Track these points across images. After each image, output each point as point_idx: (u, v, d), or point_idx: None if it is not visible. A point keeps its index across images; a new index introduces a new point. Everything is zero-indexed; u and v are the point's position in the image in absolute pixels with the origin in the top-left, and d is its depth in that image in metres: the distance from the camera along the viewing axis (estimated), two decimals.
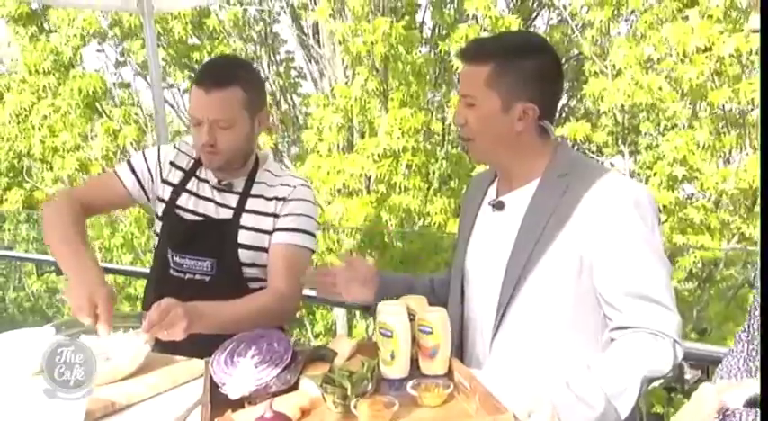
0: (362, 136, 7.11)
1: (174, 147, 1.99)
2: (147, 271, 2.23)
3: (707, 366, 2.02)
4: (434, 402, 1.34)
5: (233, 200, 1.91)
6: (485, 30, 6.56)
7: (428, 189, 6.63)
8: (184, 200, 1.92)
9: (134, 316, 1.67)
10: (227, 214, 1.89)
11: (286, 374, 1.40)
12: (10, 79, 9.08)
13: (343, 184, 6.84)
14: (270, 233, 1.88)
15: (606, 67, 5.99)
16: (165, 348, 1.66)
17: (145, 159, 1.96)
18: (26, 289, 8.43)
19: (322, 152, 6.87)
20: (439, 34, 7.96)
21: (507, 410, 1.19)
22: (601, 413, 1.32)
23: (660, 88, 5.70)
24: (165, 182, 1.94)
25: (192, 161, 1.96)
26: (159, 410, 1.44)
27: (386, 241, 6.72)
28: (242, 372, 1.40)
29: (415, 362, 1.46)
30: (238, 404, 1.37)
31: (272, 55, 8.85)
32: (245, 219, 1.89)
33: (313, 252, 1.93)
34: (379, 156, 6.32)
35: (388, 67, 6.58)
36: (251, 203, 1.90)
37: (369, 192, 6.99)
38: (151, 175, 1.95)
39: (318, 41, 8.02)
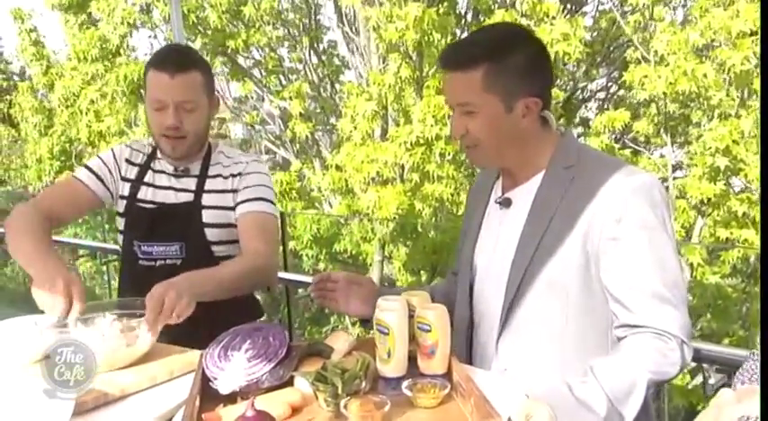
0: (398, 124, 7.04)
1: (127, 145, 2.05)
2: None
3: (733, 371, 1.92)
4: (429, 403, 1.28)
5: (192, 183, 1.96)
6: (523, 15, 6.42)
7: (463, 178, 6.52)
8: (143, 192, 1.97)
9: (112, 304, 1.68)
10: (187, 197, 1.94)
11: (279, 370, 1.37)
12: (61, 68, 9.31)
13: (377, 173, 6.80)
14: (233, 209, 1.92)
15: (649, 54, 5.77)
16: (167, 338, 1.63)
17: (102, 161, 2.01)
18: (77, 270, 8.69)
19: (356, 140, 6.82)
20: (477, 20, 7.81)
21: (499, 416, 1.13)
22: (603, 418, 1.26)
23: (705, 75, 5.48)
24: (123, 179, 1.99)
25: (146, 156, 2.01)
26: (153, 402, 1.40)
27: (419, 231, 6.66)
28: (234, 367, 1.36)
29: (414, 361, 1.41)
30: (232, 399, 1.34)
31: (314, 43, 8.83)
32: (207, 199, 1.93)
33: (277, 219, 1.98)
34: (412, 144, 6.24)
35: (422, 54, 6.47)
36: (210, 184, 1.95)
37: (402, 181, 6.93)
38: (111, 174, 1.99)
39: (356, 29, 7.96)
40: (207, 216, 1.92)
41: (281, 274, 3.49)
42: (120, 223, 2.00)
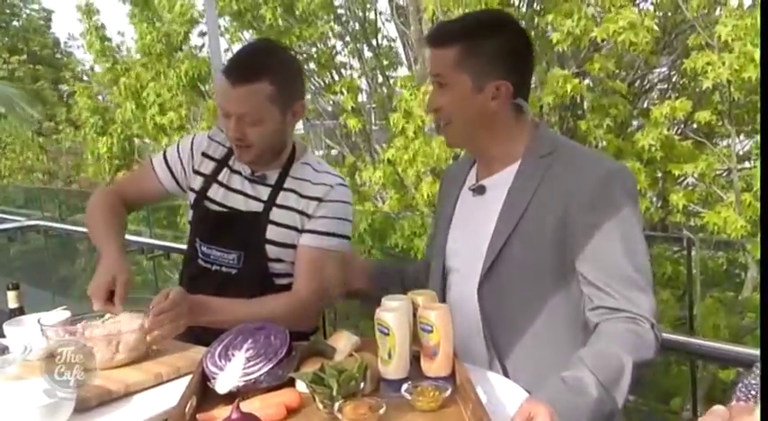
0: None
1: (208, 137, 1.94)
2: None
3: None
4: (428, 407, 1.24)
5: (265, 192, 1.83)
6: (589, 5, 6.20)
7: None
8: (214, 191, 1.87)
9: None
10: (257, 207, 1.82)
11: (277, 370, 1.34)
12: (125, 63, 9.55)
13: (431, 168, 6.70)
14: (298, 230, 1.80)
15: (713, 39, 5.45)
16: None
17: (178, 151, 1.93)
18: (138, 264, 8.95)
19: (408, 134, 6.75)
20: (535, 9, 7.60)
21: None
22: (596, 399, 1.25)
23: None
24: (196, 172, 1.90)
25: (225, 151, 1.90)
26: (158, 400, 1.40)
27: None
28: (233, 367, 1.34)
29: (418, 362, 1.36)
30: (232, 399, 1.31)
31: (368, 38, 8.79)
32: (275, 214, 1.81)
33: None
34: None
35: None
36: (282, 197, 1.82)
37: None
38: (183, 167, 1.91)
39: (408, 22, 7.88)
40: (271, 232, 1.79)
41: None
42: (189, 215, 1.94)
